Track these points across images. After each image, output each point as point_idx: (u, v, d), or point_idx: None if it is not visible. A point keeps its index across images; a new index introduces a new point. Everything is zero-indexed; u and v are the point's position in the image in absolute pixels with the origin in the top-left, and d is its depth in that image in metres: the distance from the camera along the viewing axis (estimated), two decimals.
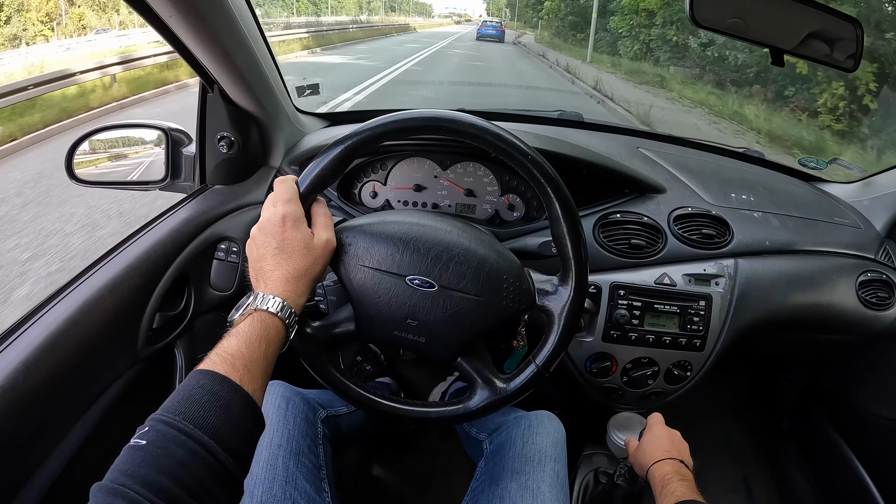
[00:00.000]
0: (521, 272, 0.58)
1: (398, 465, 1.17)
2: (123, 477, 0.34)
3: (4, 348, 0.54)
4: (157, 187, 0.86)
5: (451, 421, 0.60)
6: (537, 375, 0.57)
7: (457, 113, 0.54)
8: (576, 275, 0.55)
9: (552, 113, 1.13)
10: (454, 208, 0.88)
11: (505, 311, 0.56)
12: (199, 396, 0.39)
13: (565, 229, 0.54)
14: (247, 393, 0.42)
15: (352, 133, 0.53)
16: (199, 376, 0.41)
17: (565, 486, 0.68)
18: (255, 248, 0.52)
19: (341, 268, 0.56)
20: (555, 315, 0.56)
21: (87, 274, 0.64)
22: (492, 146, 0.53)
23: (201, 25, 0.62)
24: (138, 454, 0.36)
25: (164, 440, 0.37)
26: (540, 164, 0.53)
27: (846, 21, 0.63)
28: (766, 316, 0.82)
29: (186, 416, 0.38)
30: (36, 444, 0.55)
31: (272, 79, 0.81)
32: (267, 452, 0.62)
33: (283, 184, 0.54)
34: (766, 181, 1.00)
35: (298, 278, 0.50)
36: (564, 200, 0.54)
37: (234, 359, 0.43)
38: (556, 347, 0.56)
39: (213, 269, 0.79)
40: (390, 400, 0.60)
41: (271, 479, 0.60)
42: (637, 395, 0.83)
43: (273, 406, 0.69)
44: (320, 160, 0.54)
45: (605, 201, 0.85)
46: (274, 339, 0.47)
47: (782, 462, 1.21)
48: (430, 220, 0.59)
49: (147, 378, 0.72)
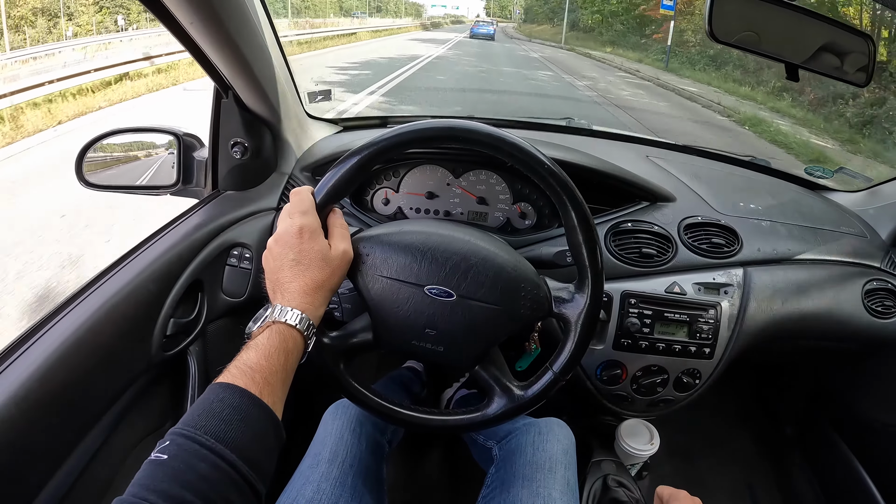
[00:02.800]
0: (538, 280, 0.58)
1: (408, 473, 1.17)
2: (145, 491, 0.34)
3: (20, 355, 0.53)
4: (168, 192, 0.86)
5: (471, 428, 0.61)
6: (554, 382, 0.57)
7: (473, 123, 0.54)
8: (592, 283, 0.56)
9: (561, 121, 1.13)
10: (466, 216, 0.88)
11: (522, 318, 0.56)
12: (219, 410, 0.39)
13: (581, 238, 0.55)
14: (267, 406, 0.42)
15: (369, 143, 0.53)
16: (219, 389, 0.41)
17: (576, 492, 0.69)
18: (271, 260, 0.52)
19: (359, 278, 0.56)
20: (571, 322, 0.57)
21: (102, 280, 0.64)
22: (508, 156, 0.54)
23: (220, 31, 0.62)
24: (159, 469, 0.36)
25: (185, 454, 0.37)
26: (556, 174, 0.54)
27: (858, 36, 0.64)
28: (773, 324, 0.83)
29: (207, 430, 0.38)
30: (51, 451, 0.54)
31: (286, 84, 0.81)
32: (338, 471, 0.64)
33: (300, 195, 0.54)
34: (773, 190, 1.01)
35: (316, 290, 0.50)
36: (580, 209, 0.54)
37: (254, 371, 0.43)
38: (574, 355, 0.57)
39: (226, 275, 0.78)
40: (409, 409, 0.60)
41: (338, 495, 0.61)
42: (646, 402, 0.83)
43: (347, 427, 0.71)
44: (336, 170, 0.54)
45: (616, 210, 0.85)
46: (293, 351, 0.47)
47: (787, 468, 1.22)
48: (447, 229, 0.59)
49: (160, 384, 0.72)
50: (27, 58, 9.31)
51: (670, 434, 1.03)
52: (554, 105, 7.43)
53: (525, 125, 1.09)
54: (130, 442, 0.68)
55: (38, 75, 6.69)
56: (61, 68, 7.12)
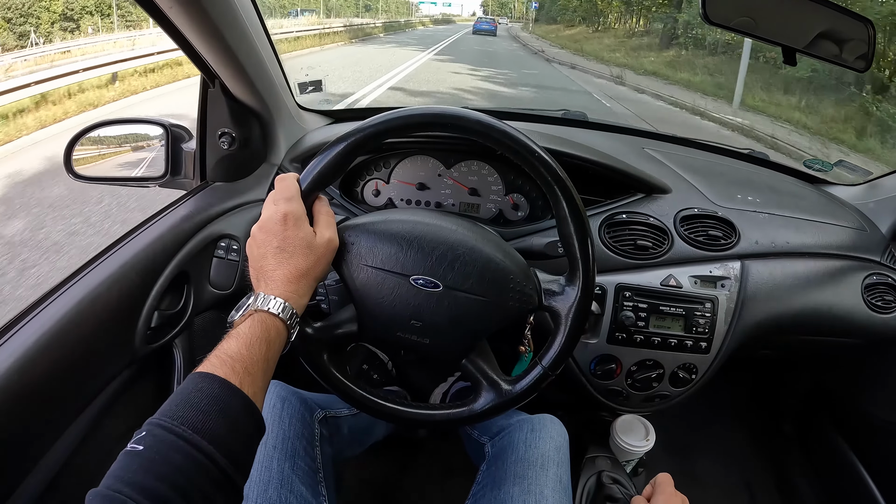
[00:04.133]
0: (528, 272, 0.56)
1: (400, 468, 1.16)
2: (120, 483, 0.33)
3: None
4: (157, 184, 0.85)
5: (456, 423, 0.59)
6: (543, 377, 0.56)
7: (462, 109, 0.53)
8: (583, 275, 0.54)
9: (557, 112, 1.12)
10: (458, 207, 0.87)
11: (511, 311, 0.55)
12: (197, 400, 0.38)
13: (573, 229, 0.53)
14: (247, 396, 0.41)
15: (354, 130, 0.52)
16: (198, 379, 0.40)
17: (568, 490, 0.67)
18: (255, 248, 0.51)
19: (344, 267, 0.55)
20: (561, 316, 0.55)
21: (84, 271, 0.62)
22: (498, 143, 0.52)
23: (202, 17, 0.60)
24: (135, 460, 0.35)
25: (161, 445, 0.35)
26: (547, 163, 0.52)
27: (858, 21, 0.62)
28: (771, 319, 0.82)
29: (185, 421, 0.37)
30: (31, 445, 0.53)
31: (274, 74, 0.79)
32: (261, 454, 0.61)
33: (284, 181, 0.53)
34: (772, 183, 0.99)
35: (300, 278, 0.49)
36: (572, 200, 0.53)
37: (234, 361, 0.42)
38: (563, 349, 0.55)
39: (213, 266, 0.77)
40: (394, 402, 0.58)
41: (266, 481, 0.59)
42: (641, 397, 0.82)
43: (268, 406, 0.67)
44: (322, 157, 0.53)
45: (610, 202, 0.84)
46: (275, 340, 0.46)
47: (785, 466, 1.21)
48: (435, 218, 0.58)
49: (145, 377, 0.71)
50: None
51: (668, 430, 1.01)
52: None
53: (521, 116, 1.07)
54: (115, 435, 0.67)
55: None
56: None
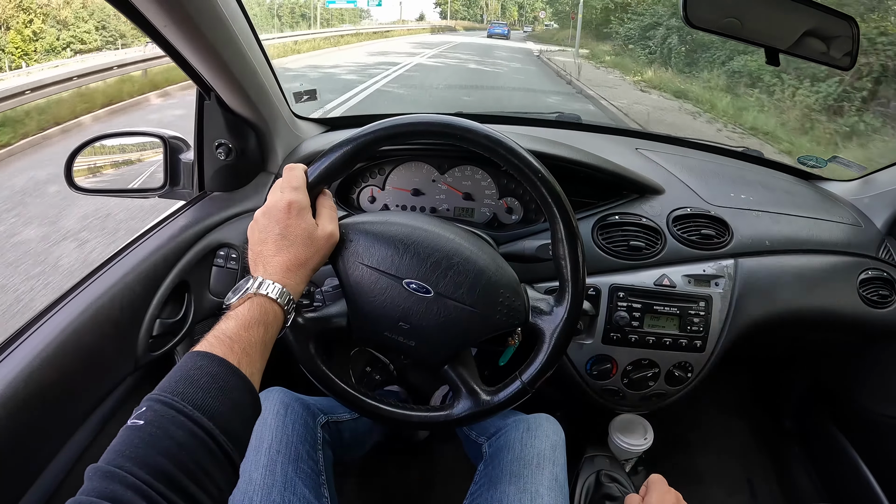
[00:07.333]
0: (518, 288, 0.58)
1: (400, 469, 1.17)
2: (121, 458, 0.33)
3: (5, 357, 0.54)
4: (156, 195, 0.86)
5: (433, 427, 0.61)
6: (522, 392, 0.57)
7: (472, 122, 0.54)
8: (571, 297, 0.56)
9: (550, 115, 1.13)
10: (452, 212, 0.88)
11: (496, 324, 0.56)
12: (196, 377, 0.38)
13: (566, 251, 0.55)
14: (245, 376, 0.41)
15: (366, 131, 0.53)
16: (197, 357, 0.40)
17: (564, 489, 0.68)
18: (257, 232, 0.51)
19: (340, 263, 0.56)
20: (546, 335, 0.57)
21: (87, 282, 0.64)
22: (503, 159, 0.54)
23: (196, 34, 0.62)
24: (136, 434, 0.35)
25: (161, 420, 0.35)
26: (550, 184, 0.53)
27: (842, 19, 0.62)
28: (766, 316, 0.82)
29: (185, 397, 0.37)
30: (36, 453, 0.55)
31: (269, 85, 0.81)
32: (266, 458, 0.62)
33: (293, 171, 0.54)
34: (765, 180, 0.99)
35: (298, 267, 0.50)
36: (569, 223, 0.54)
37: (233, 341, 0.42)
38: (543, 367, 0.57)
39: (213, 275, 0.79)
40: (374, 399, 0.59)
41: (270, 484, 0.60)
42: (638, 396, 0.83)
43: (272, 412, 0.68)
44: (332, 153, 0.54)
45: (603, 203, 0.84)
46: (272, 324, 0.46)
47: (786, 462, 1.21)
48: (434, 225, 0.59)
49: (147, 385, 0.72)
50: None
51: (668, 427, 1.02)
52: None
53: (514, 120, 1.08)
54: None
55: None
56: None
